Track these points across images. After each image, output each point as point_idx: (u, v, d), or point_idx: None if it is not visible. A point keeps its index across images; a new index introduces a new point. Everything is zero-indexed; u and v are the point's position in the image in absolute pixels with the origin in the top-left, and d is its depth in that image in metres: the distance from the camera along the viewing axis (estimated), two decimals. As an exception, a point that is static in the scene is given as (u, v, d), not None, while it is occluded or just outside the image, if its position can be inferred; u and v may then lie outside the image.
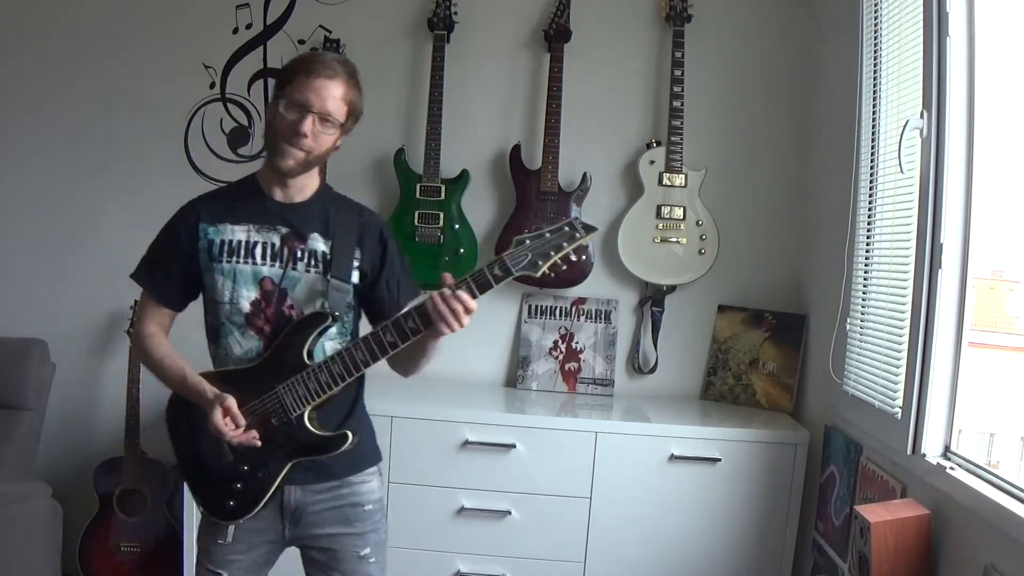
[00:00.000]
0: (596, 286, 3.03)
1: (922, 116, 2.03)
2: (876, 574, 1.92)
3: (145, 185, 3.08)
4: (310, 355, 1.75)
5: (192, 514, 2.66)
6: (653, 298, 3.03)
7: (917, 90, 2.08)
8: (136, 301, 2.98)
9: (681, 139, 2.91)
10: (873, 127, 2.35)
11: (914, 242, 2.09)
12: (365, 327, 1.80)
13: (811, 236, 2.94)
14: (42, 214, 3.10)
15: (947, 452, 2.01)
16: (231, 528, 1.80)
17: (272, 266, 1.78)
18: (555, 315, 3.06)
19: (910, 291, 2.08)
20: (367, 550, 1.86)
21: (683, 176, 2.93)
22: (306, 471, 1.79)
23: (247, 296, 1.77)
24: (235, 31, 3.06)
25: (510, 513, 2.63)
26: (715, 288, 3.03)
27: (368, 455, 1.89)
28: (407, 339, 1.69)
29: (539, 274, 1.67)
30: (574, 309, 3.05)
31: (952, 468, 1.92)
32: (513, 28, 3.03)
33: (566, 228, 1.68)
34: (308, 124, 1.70)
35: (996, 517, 1.70)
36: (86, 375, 3.12)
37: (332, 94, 1.73)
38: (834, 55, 2.78)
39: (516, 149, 2.96)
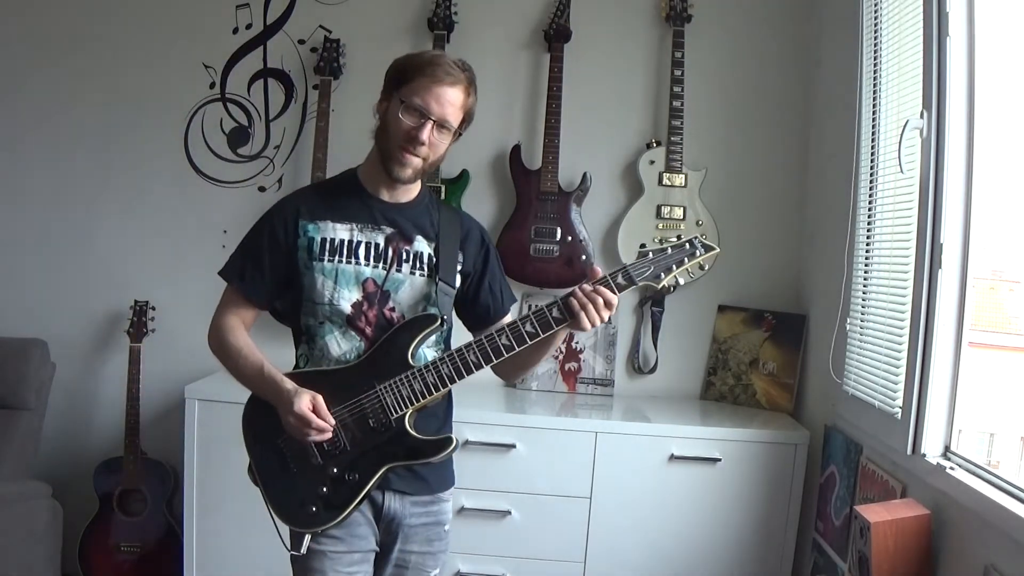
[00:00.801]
0: (596, 286, 3.03)
1: (922, 116, 2.03)
2: (876, 574, 1.92)
3: (145, 185, 3.08)
4: (412, 358, 1.69)
5: (192, 514, 2.66)
6: (653, 298, 3.03)
7: (917, 90, 2.08)
8: (136, 301, 3.01)
9: (681, 139, 2.91)
10: (873, 127, 2.35)
11: (914, 242, 2.09)
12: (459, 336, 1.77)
13: (811, 236, 2.94)
14: (42, 214, 3.10)
15: (947, 452, 2.01)
16: (307, 538, 1.70)
17: (376, 267, 1.73)
18: (555, 315, 3.06)
19: (910, 291, 2.08)
20: (436, 571, 1.82)
21: (683, 176, 2.93)
22: (403, 479, 1.72)
23: (348, 297, 1.71)
24: (235, 31, 3.06)
25: (510, 513, 2.63)
26: (715, 288, 3.03)
27: (452, 472, 1.85)
28: (549, 329, 1.65)
29: (660, 286, 1.71)
30: (574, 309, 3.05)
31: (952, 468, 1.92)
32: (513, 28, 3.03)
33: (687, 245, 1.72)
34: (427, 132, 1.65)
35: (996, 517, 1.70)
36: (86, 375, 3.12)
37: (452, 101, 1.67)
38: (834, 55, 2.78)
39: (516, 149, 2.96)
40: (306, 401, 1.61)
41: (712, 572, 2.64)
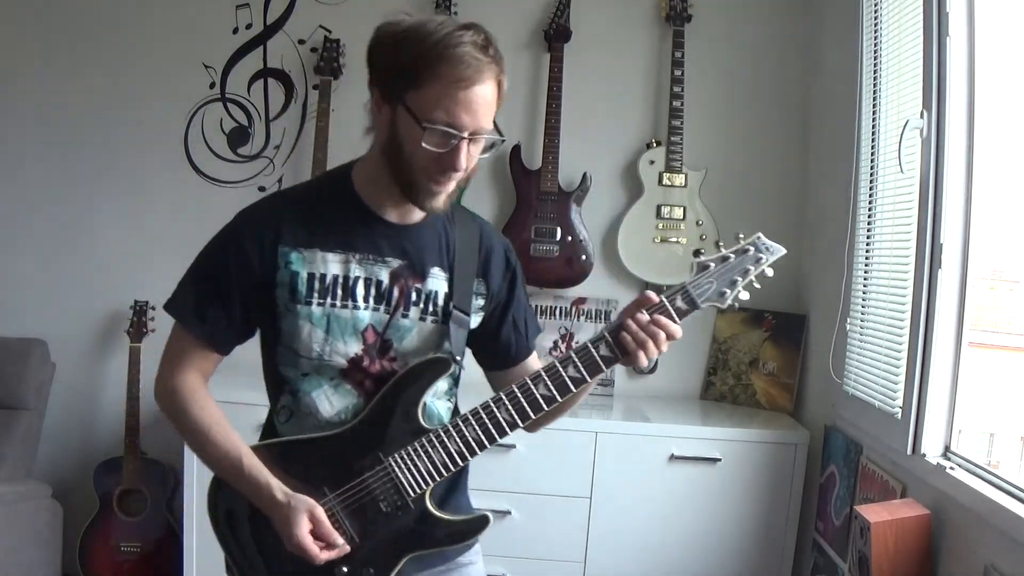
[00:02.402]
0: (596, 286, 3.03)
1: (922, 116, 2.03)
2: (876, 574, 1.92)
3: (145, 185, 3.08)
4: (424, 416, 1.36)
5: (192, 514, 2.66)
6: (653, 298, 3.02)
7: (917, 90, 2.08)
8: (136, 301, 3.01)
9: (681, 139, 2.91)
10: (873, 127, 2.35)
11: (914, 242, 2.09)
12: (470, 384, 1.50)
13: (811, 236, 2.94)
14: (42, 214, 3.10)
15: (947, 452, 2.01)
16: None
17: (376, 310, 1.36)
18: (555, 315, 3.06)
19: (910, 291, 2.08)
20: None
21: (683, 176, 2.93)
22: (422, 559, 1.40)
23: (344, 351, 1.35)
24: (235, 31, 3.06)
25: (510, 513, 2.63)
26: (715, 288, 3.03)
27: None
28: (598, 372, 1.34)
29: (725, 306, 1.40)
30: (574, 309, 3.05)
31: (952, 468, 1.92)
32: (513, 28, 3.02)
33: (750, 249, 1.39)
34: (463, 155, 1.26)
35: (996, 517, 1.70)
36: (86, 375, 3.12)
37: (485, 102, 1.26)
38: (834, 55, 2.78)
39: (516, 149, 2.96)
40: (305, 527, 1.27)
41: (712, 572, 2.64)
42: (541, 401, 1.34)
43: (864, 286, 2.39)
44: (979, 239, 1.97)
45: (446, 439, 1.33)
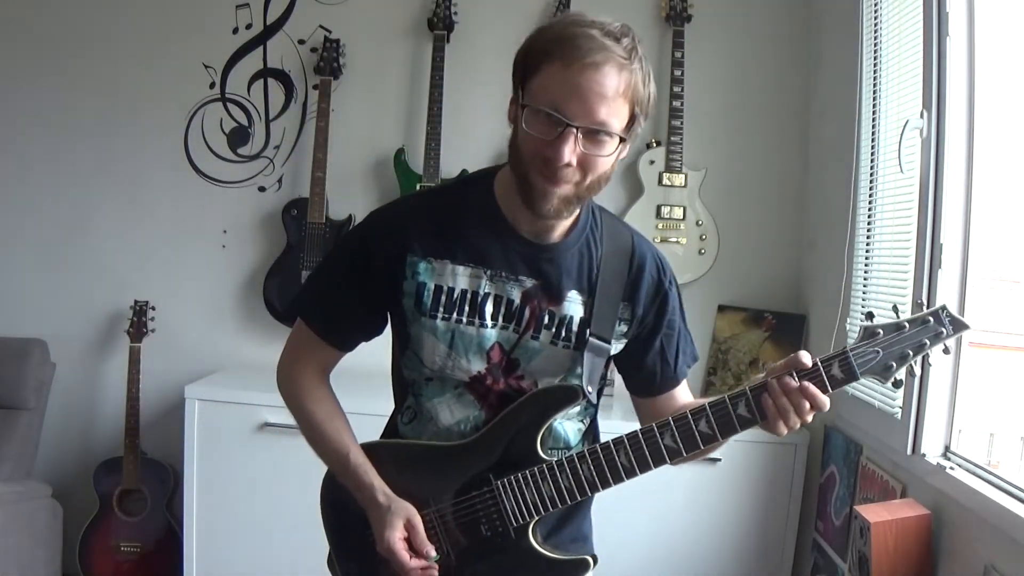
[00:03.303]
0: (596, 286, 3.02)
1: (922, 116, 2.03)
2: (876, 574, 1.92)
3: (145, 185, 3.08)
4: (542, 441, 1.29)
5: (192, 514, 2.66)
6: (653, 298, 3.02)
7: (917, 90, 2.08)
8: (136, 301, 3.01)
9: (681, 139, 2.91)
10: (873, 127, 2.35)
11: (914, 242, 2.09)
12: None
13: (811, 236, 2.94)
14: (42, 214, 3.10)
15: (947, 452, 2.01)
16: None
17: (504, 329, 1.29)
18: (555, 315, 3.05)
19: (910, 291, 2.08)
20: None
21: (683, 176, 2.93)
22: None
23: (466, 368, 1.30)
24: (235, 31, 3.06)
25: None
26: (715, 288, 3.03)
27: (589, 553, 1.45)
28: (731, 432, 1.23)
29: (890, 381, 1.24)
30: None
31: (952, 468, 1.92)
32: (513, 28, 2.98)
33: (930, 320, 1.21)
34: (569, 148, 1.15)
35: (996, 517, 1.70)
36: (86, 375, 3.11)
37: (603, 90, 1.13)
38: (834, 55, 2.78)
39: (516, 149, 2.95)
40: (399, 532, 1.24)
41: (712, 572, 2.63)
42: (664, 453, 1.25)
43: (864, 286, 2.39)
44: (979, 239, 1.97)
45: (559, 473, 1.27)
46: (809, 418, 1.21)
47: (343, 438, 1.33)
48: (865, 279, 2.39)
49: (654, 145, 2.96)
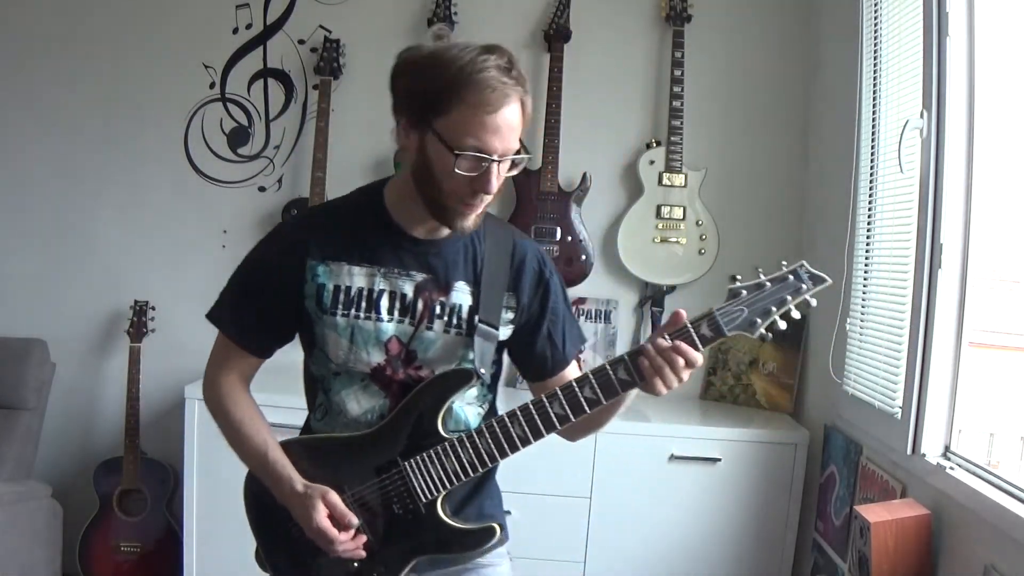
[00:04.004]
0: (596, 286, 3.03)
1: (922, 116, 2.03)
2: (876, 574, 1.92)
3: (145, 185, 3.08)
4: (443, 423, 1.41)
5: (192, 514, 2.66)
6: (653, 298, 3.03)
7: (917, 90, 2.08)
8: (136, 300, 3.01)
9: (681, 139, 2.91)
10: (873, 127, 2.35)
11: (914, 242, 2.09)
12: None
13: (811, 236, 2.94)
14: (42, 214, 3.10)
15: (947, 452, 2.01)
16: None
17: (400, 322, 1.41)
18: (555, 315, 3.06)
19: (910, 291, 2.08)
20: None
21: (683, 176, 2.93)
22: (434, 560, 1.46)
23: (366, 361, 1.41)
24: (235, 31, 3.06)
25: (510, 513, 2.62)
26: (715, 288, 3.02)
27: (499, 524, 1.53)
28: (613, 395, 1.34)
29: (756, 335, 1.34)
30: (574, 309, 3.05)
31: (952, 468, 1.92)
32: (513, 28, 3.02)
33: (790, 277, 1.34)
34: (496, 179, 1.29)
35: (996, 517, 1.70)
36: (86, 375, 3.12)
37: (513, 124, 1.29)
38: (834, 55, 2.78)
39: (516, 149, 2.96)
40: (322, 511, 1.34)
41: (712, 572, 2.64)
42: (554, 419, 1.36)
43: (864, 286, 2.39)
44: (979, 239, 1.97)
45: (460, 449, 1.38)
46: (685, 375, 1.31)
47: (262, 437, 1.43)
48: (865, 279, 2.39)
49: (654, 145, 2.96)
